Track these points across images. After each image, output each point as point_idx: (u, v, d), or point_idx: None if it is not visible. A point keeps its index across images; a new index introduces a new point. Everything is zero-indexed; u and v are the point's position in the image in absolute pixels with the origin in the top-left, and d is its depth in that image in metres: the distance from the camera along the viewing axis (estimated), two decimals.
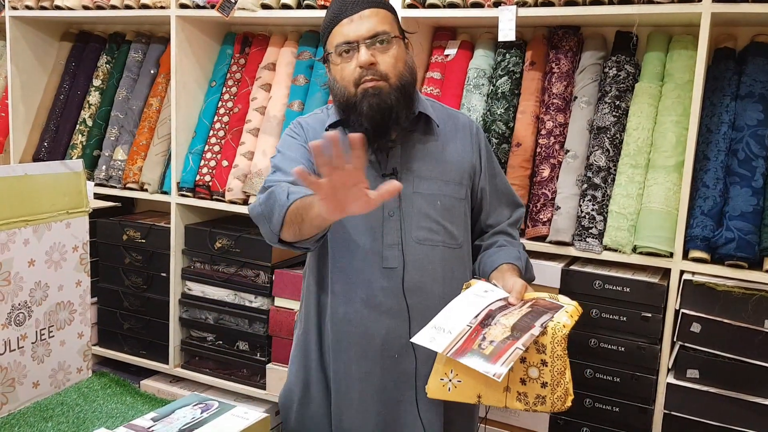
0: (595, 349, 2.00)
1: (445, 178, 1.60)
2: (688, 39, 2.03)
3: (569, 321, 1.32)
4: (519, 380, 1.32)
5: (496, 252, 1.65)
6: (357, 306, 1.56)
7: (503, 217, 1.73)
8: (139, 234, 2.73)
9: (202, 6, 2.52)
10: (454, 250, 1.62)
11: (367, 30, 1.48)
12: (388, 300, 1.55)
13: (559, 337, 1.29)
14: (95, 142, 2.88)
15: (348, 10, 1.49)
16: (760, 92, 1.91)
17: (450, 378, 1.34)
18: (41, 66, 3.08)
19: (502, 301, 1.41)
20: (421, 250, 1.56)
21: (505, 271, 1.56)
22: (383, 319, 1.55)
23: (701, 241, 1.87)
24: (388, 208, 1.55)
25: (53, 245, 1.63)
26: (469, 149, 1.65)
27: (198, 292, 2.65)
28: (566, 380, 1.30)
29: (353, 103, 1.50)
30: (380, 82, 1.48)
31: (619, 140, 2.05)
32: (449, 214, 1.60)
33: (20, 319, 1.56)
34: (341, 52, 1.50)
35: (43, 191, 1.60)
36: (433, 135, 1.61)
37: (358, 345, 1.58)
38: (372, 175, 1.54)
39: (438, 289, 1.58)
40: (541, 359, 1.30)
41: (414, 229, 1.56)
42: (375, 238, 1.54)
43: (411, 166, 1.57)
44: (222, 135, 2.62)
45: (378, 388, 1.59)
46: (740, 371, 1.81)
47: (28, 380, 1.59)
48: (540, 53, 2.23)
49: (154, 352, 2.76)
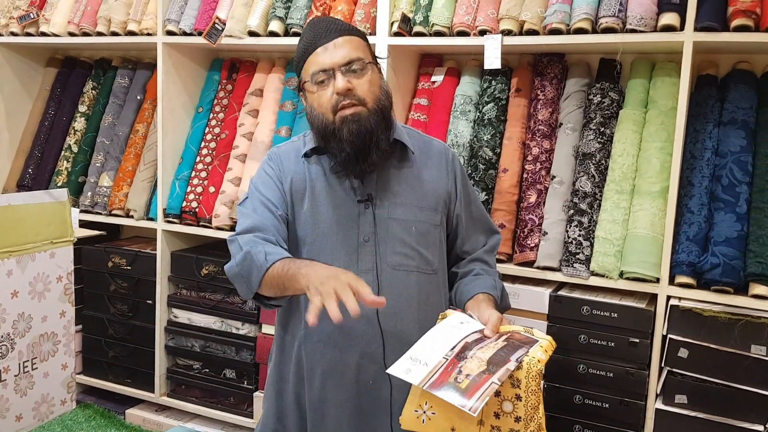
0: (584, 375, 1.99)
1: (420, 205, 1.61)
2: (671, 66, 2.06)
3: (544, 356, 1.33)
4: (493, 414, 1.32)
5: (472, 281, 1.65)
6: (331, 332, 1.56)
7: (479, 244, 1.73)
8: (125, 261, 2.70)
9: (189, 33, 2.52)
10: (429, 275, 1.62)
11: (341, 57, 1.49)
12: (362, 325, 1.54)
13: (534, 372, 1.29)
14: (80, 168, 2.86)
15: (321, 38, 1.51)
16: (742, 119, 1.94)
17: (424, 410, 1.33)
18: (26, 92, 3.07)
19: (477, 333, 1.41)
20: (396, 276, 1.57)
21: (480, 301, 1.56)
22: (357, 345, 1.55)
23: (687, 266, 1.88)
24: (364, 233, 1.55)
25: (37, 276, 1.61)
26: (444, 176, 1.66)
27: (184, 320, 2.62)
28: (539, 415, 1.30)
29: (332, 130, 1.51)
30: (359, 107, 1.50)
31: (604, 166, 2.07)
32: (424, 240, 1.60)
33: (3, 351, 1.54)
34: (317, 80, 1.51)
35: (27, 221, 1.59)
36: (409, 161, 1.62)
37: (333, 371, 1.57)
38: (348, 200, 1.56)
39: (413, 315, 1.58)
40: (515, 393, 1.30)
41: (389, 255, 1.56)
42: (350, 263, 1.55)
43: (386, 193, 1.58)
44: (209, 161, 2.61)
45: (353, 415, 1.58)
46: (728, 396, 1.82)
47: (11, 413, 1.56)
48: (525, 80, 2.25)
49: (140, 380, 2.73)
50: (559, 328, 2.01)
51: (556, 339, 1.98)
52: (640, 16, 1.91)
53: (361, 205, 1.55)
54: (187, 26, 2.52)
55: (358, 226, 1.55)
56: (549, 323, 2.03)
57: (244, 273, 1.46)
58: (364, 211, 1.55)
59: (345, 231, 1.55)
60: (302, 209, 1.57)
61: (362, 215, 1.55)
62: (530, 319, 2.05)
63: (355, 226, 1.55)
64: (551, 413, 2.04)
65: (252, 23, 2.42)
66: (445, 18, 2.15)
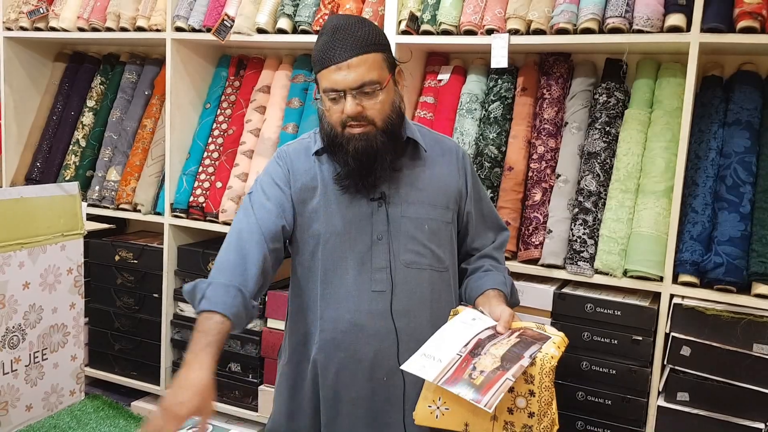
0: (587, 372, 2.01)
1: (432, 202, 1.62)
2: (676, 67, 2.08)
3: (557, 352, 1.34)
4: (506, 409, 1.33)
5: (482, 277, 1.66)
6: (346, 330, 1.57)
7: (488, 241, 1.75)
8: (132, 255, 2.72)
9: (198, 29, 2.54)
10: (441, 273, 1.63)
11: (353, 80, 1.46)
12: (377, 323, 1.56)
13: (548, 369, 1.30)
14: (88, 162, 2.88)
15: (336, 56, 1.47)
16: (747, 119, 1.96)
17: (438, 405, 1.35)
18: (35, 86, 3.09)
19: (490, 329, 1.42)
20: (409, 274, 1.58)
21: (491, 297, 1.57)
22: (372, 342, 1.56)
23: (690, 265, 1.89)
24: (377, 231, 1.56)
25: (48, 268, 1.63)
26: (455, 173, 1.68)
27: (190, 313, 2.64)
28: (552, 410, 1.31)
29: (339, 142, 1.52)
30: (367, 127, 1.49)
31: (609, 165, 2.08)
32: (436, 238, 1.62)
33: (14, 342, 1.56)
34: (329, 97, 1.50)
35: (38, 214, 1.60)
36: (421, 159, 1.64)
37: (347, 369, 1.58)
38: (360, 199, 1.56)
39: (425, 312, 1.59)
40: (528, 389, 1.31)
41: (402, 253, 1.57)
42: (364, 262, 1.56)
43: (399, 191, 1.59)
44: (216, 156, 2.63)
45: (367, 412, 1.59)
46: (729, 394, 1.83)
47: (21, 403, 1.58)
48: (531, 79, 2.26)
49: (145, 373, 2.75)
50: (562, 326, 2.02)
51: None
52: (646, 17, 1.93)
53: (374, 204, 1.56)
54: (195, 22, 2.54)
55: (371, 224, 1.56)
56: (553, 320, 2.04)
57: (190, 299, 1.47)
58: (378, 210, 1.56)
59: (358, 229, 1.56)
60: (314, 207, 1.57)
61: (375, 213, 1.56)
62: (534, 316, 2.06)
63: (368, 224, 1.56)
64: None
65: (260, 20, 2.44)
66: (453, 17, 2.17)
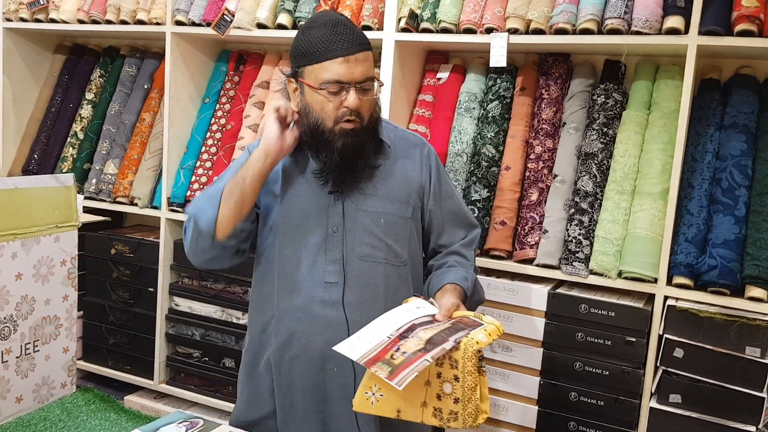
0: (580, 373, 2.01)
1: (390, 197, 1.63)
2: (674, 69, 2.07)
3: (485, 339, 1.33)
4: (435, 396, 1.34)
5: (444, 273, 1.67)
6: (299, 319, 1.59)
7: (457, 238, 1.75)
8: (128, 248, 2.72)
9: (198, 23, 2.54)
10: (398, 267, 1.64)
11: (360, 75, 1.50)
12: (328, 313, 1.57)
13: (470, 353, 1.30)
14: (86, 155, 2.88)
15: (343, 48, 1.49)
16: (743, 123, 1.95)
17: (373, 392, 1.35)
18: (33, 78, 3.09)
19: (429, 317, 1.43)
20: (363, 266, 1.59)
21: (446, 291, 1.58)
22: (323, 333, 1.58)
23: (685, 267, 1.89)
24: (333, 224, 1.58)
25: (41, 259, 1.62)
26: (418, 169, 1.68)
27: (185, 308, 2.64)
28: (476, 397, 1.31)
29: (327, 138, 1.53)
30: (358, 123, 1.53)
31: (606, 166, 2.08)
32: (393, 232, 1.63)
33: (5, 333, 1.55)
34: (329, 90, 1.50)
35: (32, 205, 1.60)
36: (384, 155, 1.65)
37: (300, 358, 1.60)
38: (319, 192, 1.58)
39: (379, 305, 1.59)
40: (454, 375, 1.32)
41: (357, 246, 1.59)
42: (318, 253, 1.58)
43: (357, 184, 1.60)
44: (214, 151, 2.63)
45: (320, 401, 1.61)
46: (722, 397, 1.83)
47: (12, 395, 1.58)
48: (530, 79, 2.26)
49: (139, 367, 2.75)
50: (556, 326, 2.03)
51: (554, 336, 2.02)
52: (645, 19, 1.93)
53: (332, 197, 1.58)
54: (196, 17, 2.54)
55: (327, 217, 1.58)
56: (547, 320, 2.04)
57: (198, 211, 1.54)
58: (334, 203, 1.58)
59: (314, 221, 1.58)
60: (275, 198, 1.61)
61: (332, 206, 1.58)
62: (528, 316, 2.06)
63: (324, 217, 1.58)
64: (546, 410, 2.06)
65: (260, 15, 2.43)
66: (453, 15, 2.17)
